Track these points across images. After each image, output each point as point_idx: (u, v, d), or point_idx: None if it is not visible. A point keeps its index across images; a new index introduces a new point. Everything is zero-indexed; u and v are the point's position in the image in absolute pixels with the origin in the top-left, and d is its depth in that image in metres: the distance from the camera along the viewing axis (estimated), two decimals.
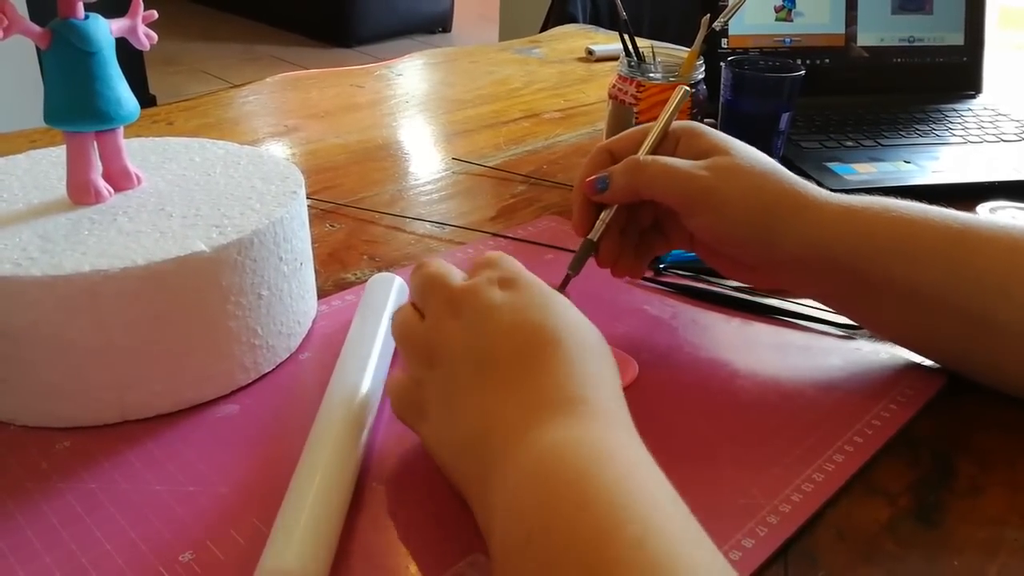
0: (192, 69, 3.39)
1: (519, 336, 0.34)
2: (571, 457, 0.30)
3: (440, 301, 0.37)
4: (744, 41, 0.87)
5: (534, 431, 0.31)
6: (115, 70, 0.44)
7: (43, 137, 0.78)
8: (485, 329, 0.35)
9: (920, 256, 0.43)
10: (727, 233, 0.46)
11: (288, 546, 0.32)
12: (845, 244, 0.44)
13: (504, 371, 0.34)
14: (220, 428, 0.42)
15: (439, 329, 0.36)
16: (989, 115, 0.88)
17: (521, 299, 0.35)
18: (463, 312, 0.35)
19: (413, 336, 0.37)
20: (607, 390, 0.34)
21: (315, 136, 0.84)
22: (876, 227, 0.44)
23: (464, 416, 0.34)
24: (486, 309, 0.35)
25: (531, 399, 0.33)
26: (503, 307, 0.35)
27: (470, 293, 0.36)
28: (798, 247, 0.45)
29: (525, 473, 0.30)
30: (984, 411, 0.45)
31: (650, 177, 0.46)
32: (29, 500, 0.37)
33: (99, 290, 0.38)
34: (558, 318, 0.35)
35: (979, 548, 0.36)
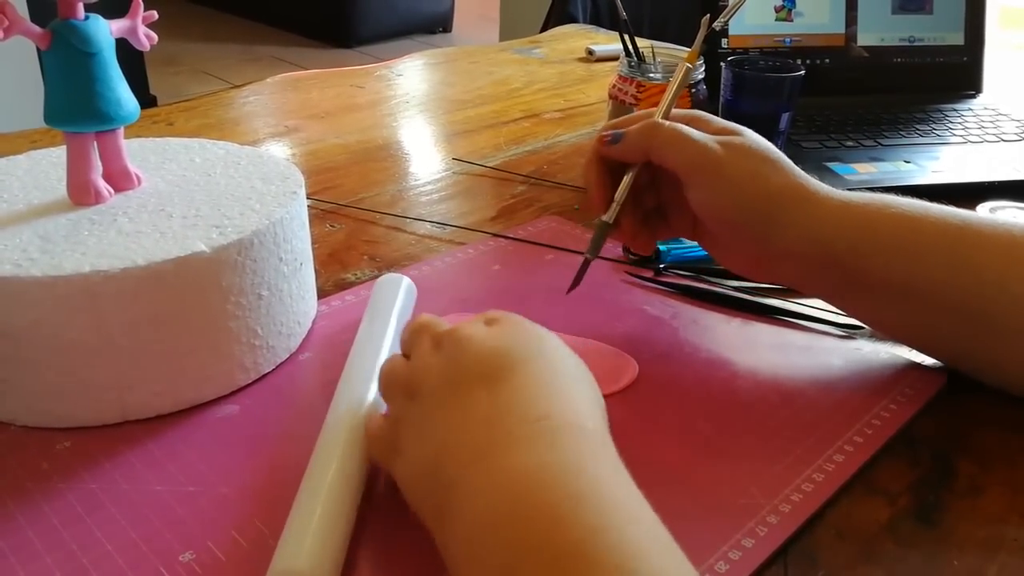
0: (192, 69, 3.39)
1: (488, 360, 0.34)
2: (533, 490, 0.28)
3: (426, 340, 0.37)
4: (744, 41, 0.87)
5: (496, 456, 0.30)
6: (115, 71, 0.44)
7: (43, 137, 0.78)
8: (460, 359, 0.34)
9: (920, 253, 0.43)
10: (728, 216, 0.46)
11: (300, 547, 0.32)
12: (845, 240, 0.44)
13: (469, 394, 0.33)
14: (220, 428, 0.42)
15: (421, 364, 0.36)
16: (989, 115, 0.88)
17: (498, 330, 0.35)
18: (444, 346, 0.35)
19: (396, 374, 0.37)
20: (577, 405, 0.33)
21: (315, 136, 0.84)
22: (876, 223, 0.44)
23: (434, 440, 0.33)
24: (465, 340, 0.35)
25: (492, 419, 0.31)
26: (479, 337, 0.35)
27: (454, 329, 0.36)
28: (798, 241, 0.45)
29: (486, 507, 0.28)
30: (984, 411, 0.45)
31: (663, 140, 0.46)
32: (30, 500, 0.37)
33: (99, 290, 0.38)
34: (530, 343, 0.35)
35: (979, 548, 0.36)
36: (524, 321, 0.37)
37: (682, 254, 0.59)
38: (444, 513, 0.30)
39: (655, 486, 0.38)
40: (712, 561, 0.34)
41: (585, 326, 0.51)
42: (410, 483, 0.34)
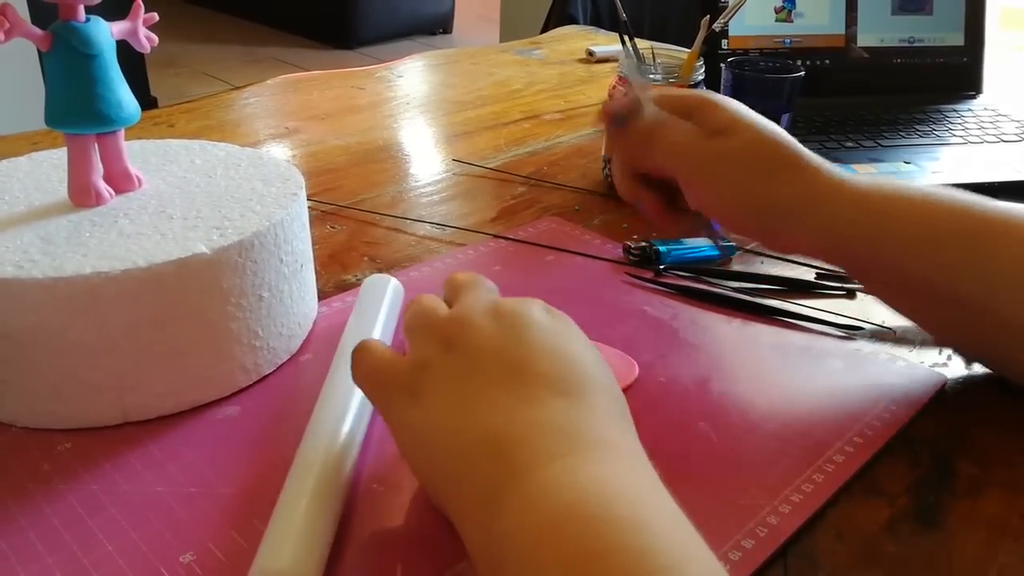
0: (193, 71, 3.39)
1: (560, 362, 0.33)
2: (601, 501, 0.27)
3: (482, 298, 0.35)
4: (744, 42, 0.87)
5: (567, 459, 0.29)
6: (116, 72, 0.44)
7: (44, 139, 0.78)
8: (523, 338, 0.33)
9: (936, 248, 0.43)
10: (730, 220, 0.48)
11: (283, 546, 0.32)
12: (859, 235, 0.44)
13: (535, 385, 0.32)
14: (221, 429, 0.42)
15: (469, 320, 0.34)
16: (989, 115, 0.88)
17: (564, 331, 0.35)
18: (506, 319, 0.34)
19: (435, 316, 0.35)
20: (629, 436, 0.32)
21: (316, 138, 0.84)
22: (892, 218, 0.44)
23: (483, 413, 0.31)
24: (532, 326, 0.34)
25: (566, 425, 0.30)
26: (546, 328, 0.34)
27: (519, 307, 0.35)
28: (808, 239, 0.46)
29: (552, 513, 0.27)
30: (984, 411, 0.45)
31: (658, 150, 0.48)
32: (31, 501, 0.37)
33: (100, 292, 0.38)
34: (588, 357, 0.34)
35: (979, 549, 0.36)
36: (576, 327, 0.36)
37: (682, 255, 0.59)
38: (495, 499, 0.29)
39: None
40: None
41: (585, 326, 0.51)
42: (437, 442, 0.32)
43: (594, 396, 0.32)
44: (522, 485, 0.28)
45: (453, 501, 0.31)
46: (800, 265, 0.59)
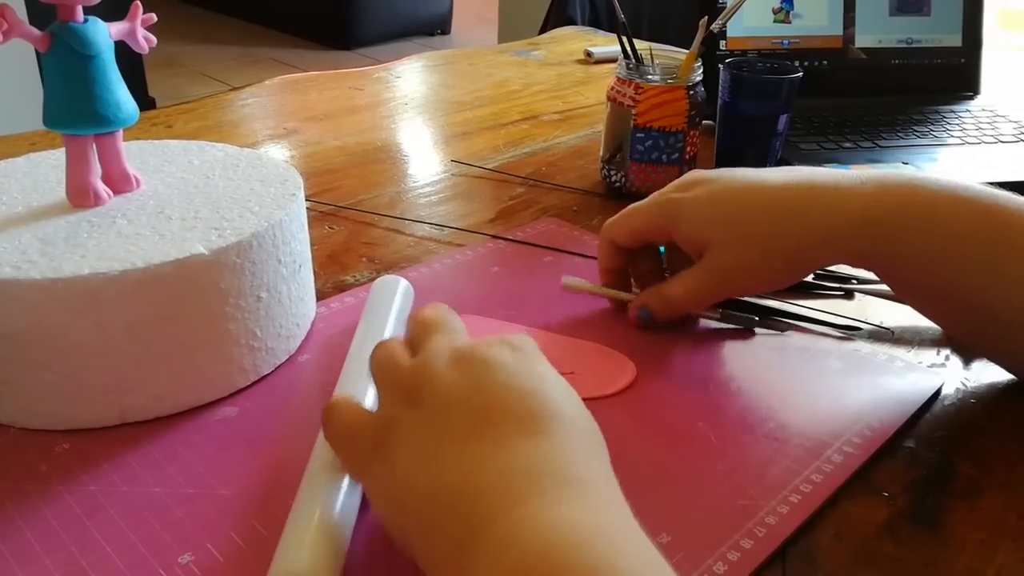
0: (192, 72, 3.39)
1: (525, 401, 0.32)
2: (573, 546, 0.26)
3: (442, 345, 0.35)
4: (742, 43, 0.87)
5: (536, 501, 0.28)
6: (114, 73, 0.44)
7: (42, 140, 0.78)
8: (487, 382, 0.33)
9: (952, 259, 0.43)
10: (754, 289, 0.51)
11: (300, 549, 0.32)
12: (875, 254, 0.45)
13: (501, 429, 0.31)
14: (219, 430, 0.42)
15: (434, 373, 0.33)
16: (987, 116, 0.88)
17: (525, 364, 0.34)
18: (468, 365, 0.33)
19: (398, 369, 0.35)
20: (600, 470, 0.32)
21: (314, 138, 0.84)
22: (907, 233, 0.44)
23: (451, 466, 0.30)
24: (494, 368, 0.33)
25: (535, 466, 0.30)
26: (509, 367, 0.33)
27: (478, 350, 0.34)
28: (822, 262, 0.48)
29: (523, 561, 0.26)
30: (983, 412, 0.45)
31: (697, 305, 0.50)
32: (29, 502, 0.37)
33: (98, 293, 0.38)
34: (554, 390, 0.33)
35: (977, 549, 0.36)
36: (544, 359, 0.35)
37: None
38: (466, 548, 0.28)
39: (653, 488, 0.39)
40: (710, 562, 0.34)
41: (583, 327, 0.51)
42: (407, 499, 0.31)
43: (563, 431, 0.31)
44: (492, 532, 0.28)
45: (424, 553, 0.30)
46: None
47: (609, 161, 0.71)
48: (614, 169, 0.71)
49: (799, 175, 0.47)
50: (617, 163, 0.70)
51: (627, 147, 0.69)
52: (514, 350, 0.35)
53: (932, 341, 0.51)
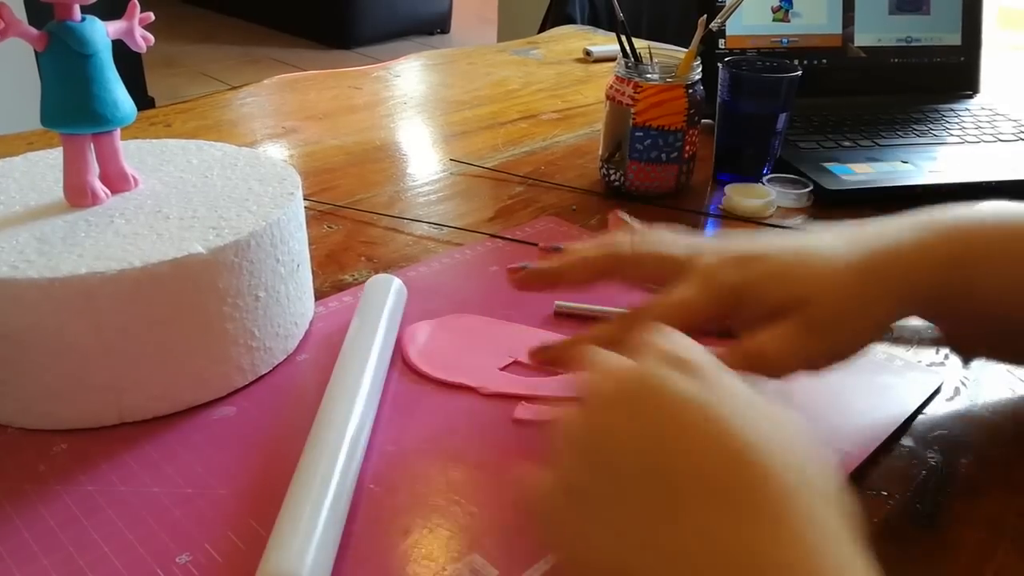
0: (191, 71, 3.39)
1: (719, 457, 0.25)
2: None
3: (601, 383, 0.29)
4: (741, 42, 0.87)
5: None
6: (112, 72, 0.44)
7: (40, 139, 0.78)
8: (666, 432, 0.26)
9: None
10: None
11: (289, 549, 0.32)
12: (931, 309, 0.42)
13: (697, 508, 0.24)
14: (217, 430, 0.42)
15: (599, 420, 0.27)
16: (987, 115, 0.88)
17: (714, 397, 0.26)
18: (632, 399, 0.27)
19: (570, 428, 0.29)
20: (845, 553, 0.24)
21: (313, 138, 0.84)
22: (954, 289, 0.40)
23: (635, 553, 0.25)
24: (665, 401, 0.26)
25: (738, 558, 0.23)
26: (689, 404, 0.26)
27: (639, 373, 0.28)
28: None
29: None
30: (982, 411, 0.45)
31: (767, 375, 0.38)
32: (27, 503, 0.37)
33: (96, 292, 0.38)
34: (771, 435, 0.25)
35: (977, 548, 0.36)
36: (728, 374, 0.28)
37: None
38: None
39: None
40: None
41: (583, 327, 0.51)
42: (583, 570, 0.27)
43: (791, 507, 0.23)
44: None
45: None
46: None
47: (608, 160, 0.71)
48: (613, 168, 0.71)
49: (859, 241, 0.41)
50: (616, 162, 0.70)
51: (626, 146, 0.69)
52: (695, 374, 0.27)
53: (931, 340, 0.51)
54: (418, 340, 0.48)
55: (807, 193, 0.70)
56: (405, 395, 0.45)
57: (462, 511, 0.37)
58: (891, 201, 0.71)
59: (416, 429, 0.42)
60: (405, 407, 0.44)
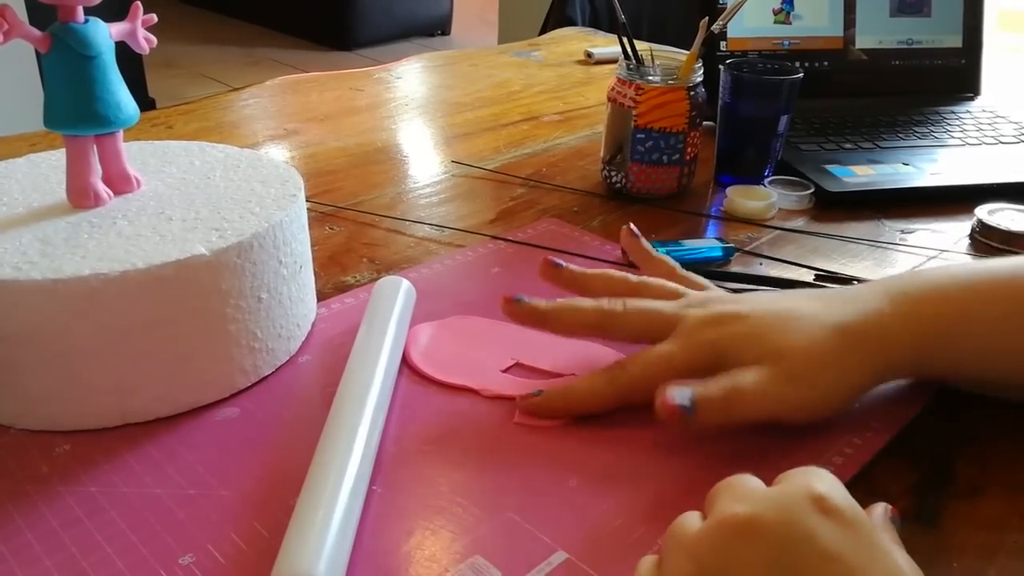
0: (191, 72, 3.39)
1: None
2: None
3: (740, 513, 0.27)
4: (743, 44, 0.87)
5: None
6: (115, 74, 0.44)
7: (42, 141, 0.78)
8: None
9: (1003, 355, 0.43)
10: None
11: (304, 549, 0.32)
12: (928, 367, 0.43)
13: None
14: (220, 431, 0.42)
15: (733, 556, 0.26)
16: (988, 117, 0.88)
17: (863, 561, 0.25)
18: (773, 545, 0.26)
19: (698, 548, 0.28)
20: None
21: (315, 139, 0.84)
22: (954, 343, 0.42)
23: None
24: (812, 556, 0.25)
25: None
26: (834, 564, 0.25)
27: (786, 516, 0.26)
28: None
29: None
30: (983, 412, 0.45)
31: (741, 416, 0.40)
32: (29, 503, 0.37)
33: (99, 294, 0.38)
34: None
35: (978, 550, 0.36)
36: (883, 534, 0.27)
37: (681, 256, 0.59)
38: None
39: (654, 489, 0.39)
40: None
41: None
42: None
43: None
44: None
45: None
46: (799, 267, 0.59)
47: (610, 162, 0.71)
48: (615, 170, 0.71)
49: (836, 310, 0.42)
50: (618, 164, 0.70)
51: (628, 148, 0.69)
52: (846, 527, 0.26)
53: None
54: (420, 342, 0.48)
55: (808, 195, 0.70)
56: (407, 397, 0.45)
57: (464, 512, 0.37)
58: (892, 203, 0.71)
59: (418, 430, 0.42)
60: (407, 409, 0.44)
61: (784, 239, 0.65)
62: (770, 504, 0.27)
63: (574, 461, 0.40)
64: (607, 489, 0.39)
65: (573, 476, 0.39)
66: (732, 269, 0.60)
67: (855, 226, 0.67)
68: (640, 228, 0.54)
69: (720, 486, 0.30)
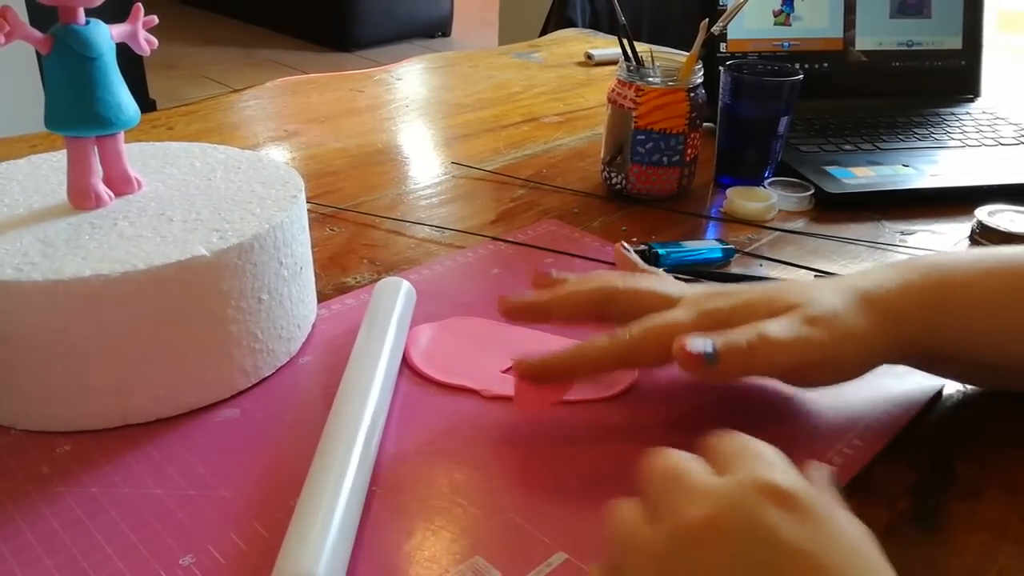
0: (192, 74, 3.39)
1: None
2: None
3: (687, 505, 0.27)
4: (743, 45, 0.87)
5: None
6: (116, 75, 0.44)
7: (43, 142, 0.78)
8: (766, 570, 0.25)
9: (1001, 333, 0.42)
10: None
11: (305, 549, 0.32)
12: (923, 343, 0.42)
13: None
14: (220, 432, 0.42)
15: (685, 553, 0.26)
16: (987, 119, 0.88)
17: (822, 547, 0.25)
18: (724, 537, 0.25)
19: (646, 548, 0.27)
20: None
21: (315, 140, 0.84)
22: (950, 325, 0.42)
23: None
24: (765, 547, 0.25)
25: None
26: (791, 554, 0.25)
27: (734, 506, 0.26)
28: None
29: None
30: (983, 413, 0.45)
31: (765, 362, 0.39)
32: (30, 504, 0.37)
33: (100, 294, 0.38)
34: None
35: (978, 551, 0.36)
36: (843, 516, 0.27)
37: (681, 257, 0.59)
38: None
39: None
40: None
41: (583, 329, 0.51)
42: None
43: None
44: None
45: None
46: (799, 268, 0.59)
47: (610, 163, 0.71)
48: (615, 171, 0.71)
49: (845, 280, 0.43)
50: (618, 165, 0.70)
51: (628, 149, 0.69)
52: (800, 513, 0.26)
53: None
54: (420, 343, 0.48)
55: (808, 196, 0.70)
56: (407, 397, 0.45)
57: (465, 513, 0.37)
58: (892, 204, 0.71)
59: (418, 431, 0.42)
60: (407, 409, 0.44)
61: (784, 240, 0.65)
62: (725, 502, 0.26)
63: (574, 461, 0.40)
64: (607, 489, 0.38)
65: (573, 476, 0.39)
66: (732, 270, 0.60)
67: (855, 227, 0.67)
68: (640, 229, 0.55)
69: (660, 475, 0.29)
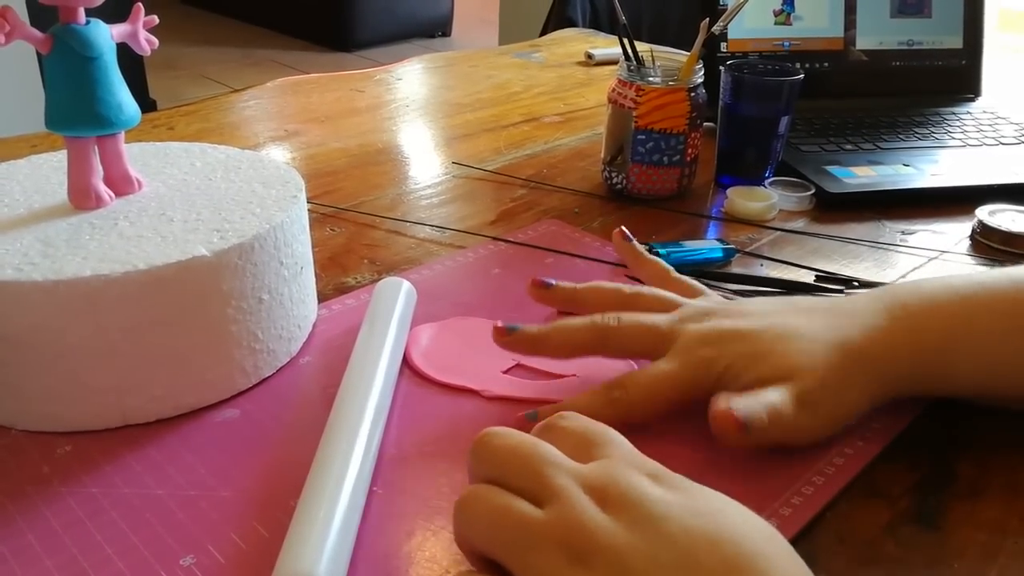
0: (192, 73, 3.40)
1: (715, 555, 0.26)
2: None
3: (568, 482, 0.28)
4: (743, 45, 0.87)
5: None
6: (116, 75, 0.44)
7: (44, 142, 0.78)
8: (660, 530, 0.27)
9: (1003, 366, 0.42)
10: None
11: (305, 550, 0.32)
12: (921, 384, 0.43)
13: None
14: (221, 432, 0.42)
15: (589, 524, 0.27)
16: (988, 118, 0.88)
17: (691, 502, 0.28)
18: (616, 504, 0.28)
19: (535, 527, 0.28)
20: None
21: (315, 140, 0.84)
22: (953, 359, 0.42)
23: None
24: (651, 507, 0.27)
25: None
26: (673, 508, 0.28)
27: (618, 483, 0.28)
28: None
29: None
30: (983, 413, 0.45)
31: (755, 441, 0.39)
32: (30, 504, 0.37)
33: (100, 295, 0.38)
34: (755, 537, 0.28)
35: (979, 551, 0.36)
36: (696, 486, 0.29)
37: (682, 257, 0.59)
38: None
39: None
40: None
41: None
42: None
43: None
44: None
45: None
46: (800, 268, 0.59)
47: (610, 163, 0.71)
48: (615, 171, 0.71)
49: (836, 325, 0.42)
50: (618, 165, 0.70)
51: (628, 149, 0.69)
52: (664, 484, 0.29)
53: None
54: (421, 343, 0.48)
55: (809, 196, 0.70)
56: (408, 398, 0.45)
57: None
58: (892, 204, 0.71)
59: (419, 432, 0.42)
60: (408, 410, 0.44)
61: (785, 240, 0.65)
62: (594, 477, 0.29)
63: None
64: None
65: None
66: (732, 270, 0.60)
67: (856, 227, 0.67)
68: (641, 229, 0.55)
69: (517, 460, 0.30)
